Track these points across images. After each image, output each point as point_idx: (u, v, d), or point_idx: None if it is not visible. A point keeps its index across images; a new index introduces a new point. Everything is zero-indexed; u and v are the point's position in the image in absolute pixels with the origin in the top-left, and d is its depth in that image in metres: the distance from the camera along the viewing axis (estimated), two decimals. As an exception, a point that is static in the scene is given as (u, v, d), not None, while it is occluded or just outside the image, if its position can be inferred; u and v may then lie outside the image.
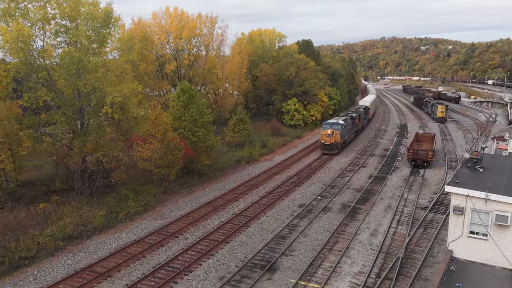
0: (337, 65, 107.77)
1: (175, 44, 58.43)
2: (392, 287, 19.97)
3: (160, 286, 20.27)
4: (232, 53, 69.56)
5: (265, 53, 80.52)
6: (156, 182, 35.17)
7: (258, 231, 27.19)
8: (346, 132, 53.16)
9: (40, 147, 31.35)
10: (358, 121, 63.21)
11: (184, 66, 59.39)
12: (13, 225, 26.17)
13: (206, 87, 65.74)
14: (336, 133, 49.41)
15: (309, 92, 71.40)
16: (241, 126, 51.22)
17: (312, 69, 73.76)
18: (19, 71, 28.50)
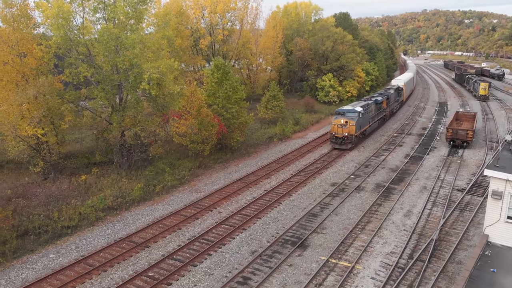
0: (376, 39, 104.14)
1: (210, 18, 58.30)
2: (425, 269, 19.83)
3: (194, 257, 21.03)
4: (266, 27, 68.63)
5: (301, 27, 78.92)
6: (191, 157, 35.98)
7: (290, 208, 27.47)
8: (365, 121, 44.10)
9: (81, 121, 32.72)
10: (385, 105, 53.66)
11: (218, 41, 59.36)
12: (56, 195, 27.69)
13: (239, 62, 65.54)
14: (351, 123, 40.33)
15: (345, 67, 69.61)
16: (274, 102, 50.99)
17: (349, 43, 71.62)
18: (60, 47, 29.41)
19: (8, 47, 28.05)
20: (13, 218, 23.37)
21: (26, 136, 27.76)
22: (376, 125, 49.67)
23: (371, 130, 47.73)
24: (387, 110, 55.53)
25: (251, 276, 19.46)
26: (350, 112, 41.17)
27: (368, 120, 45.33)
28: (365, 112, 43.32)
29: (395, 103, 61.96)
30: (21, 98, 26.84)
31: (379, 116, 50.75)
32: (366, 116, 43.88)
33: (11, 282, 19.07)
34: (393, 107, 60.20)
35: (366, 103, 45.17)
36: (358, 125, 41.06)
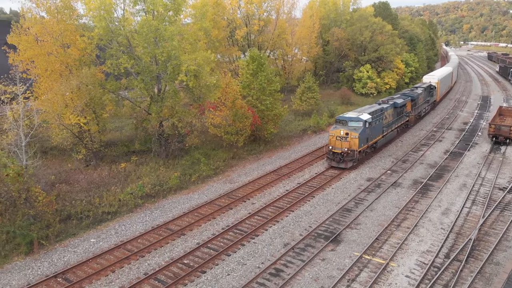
0: (416, 29, 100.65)
1: (246, 9, 58.21)
2: (461, 269, 19.32)
3: (228, 247, 21.41)
4: (303, 17, 67.75)
5: (338, 17, 77.39)
6: (225, 148, 36.42)
7: (323, 202, 27.35)
8: (376, 131, 35.70)
9: (121, 111, 33.78)
10: (409, 109, 45.81)
11: (254, 31, 59.22)
12: (97, 182, 28.80)
13: (275, 53, 65.22)
14: (353, 135, 32.15)
15: (384, 58, 67.85)
16: (309, 94, 50.50)
17: (389, 34, 69.57)
18: (102, 38, 30.26)
19: (52, 38, 29.12)
20: (56, 203, 24.45)
21: (69, 124, 28.94)
22: (394, 134, 41.37)
23: (385, 141, 39.09)
24: (412, 115, 46.89)
25: (284, 268, 19.63)
26: (353, 121, 32.98)
27: (381, 129, 36.93)
28: (376, 119, 35.12)
29: (425, 104, 53.32)
30: (64, 88, 27.93)
31: (399, 123, 42.63)
32: (377, 125, 35.62)
33: (54, 264, 20.09)
34: (420, 110, 51.31)
35: (379, 108, 36.69)
36: (363, 138, 33.04)
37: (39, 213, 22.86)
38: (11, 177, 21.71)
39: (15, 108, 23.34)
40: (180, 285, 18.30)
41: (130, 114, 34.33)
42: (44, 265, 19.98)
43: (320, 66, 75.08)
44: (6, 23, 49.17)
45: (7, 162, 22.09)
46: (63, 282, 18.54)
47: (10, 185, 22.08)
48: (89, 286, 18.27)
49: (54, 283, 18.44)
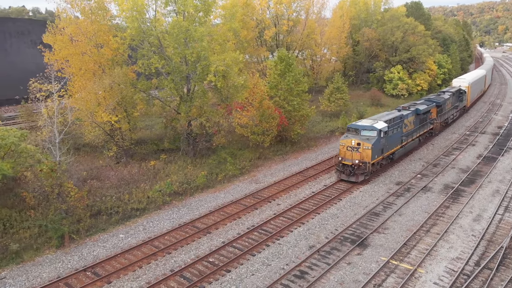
0: (450, 29, 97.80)
1: (276, 9, 58.14)
2: (492, 278, 18.64)
3: (253, 247, 21.44)
4: (333, 17, 67.07)
5: (369, 17, 76.19)
6: (251, 148, 36.52)
7: (350, 205, 26.98)
8: (393, 141, 32.70)
9: (151, 110, 34.44)
10: (435, 115, 42.63)
11: (283, 32, 59.07)
12: (127, 179, 29.44)
13: (303, 53, 64.86)
14: (365, 146, 29.36)
15: (415, 59, 66.27)
16: (338, 95, 49.91)
17: (421, 34, 67.95)
18: (134, 38, 30.96)
19: (86, 38, 29.92)
20: (87, 198, 25.12)
21: (101, 122, 29.69)
22: (415, 143, 38.03)
23: (405, 151, 35.86)
24: (437, 122, 43.11)
25: (308, 270, 19.50)
26: (366, 130, 30.07)
27: (399, 138, 33.91)
28: (394, 128, 32.17)
29: (453, 110, 49.42)
30: (97, 87, 28.69)
31: (422, 131, 39.21)
32: (394, 134, 32.60)
33: (83, 258, 20.67)
34: (448, 117, 47.62)
35: (398, 115, 33.45)
36: (377, 149, 30.06)
37: (70, 208, 23.59)
38: (45, 173, 22.52)
39: (50, 105, 24.12)
40: (205, 283, 18.48)
41: (160, 113, 34.95)
42: (74, 258, 20.60)
43: (349, 66, 74.11)
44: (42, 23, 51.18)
45: (41, 158, 22.91)
46: (92, 276, 19.08)
47: (44, 180, 22.89)
48: (116, 280, 18.70)
49: (84, 277, 19.00)
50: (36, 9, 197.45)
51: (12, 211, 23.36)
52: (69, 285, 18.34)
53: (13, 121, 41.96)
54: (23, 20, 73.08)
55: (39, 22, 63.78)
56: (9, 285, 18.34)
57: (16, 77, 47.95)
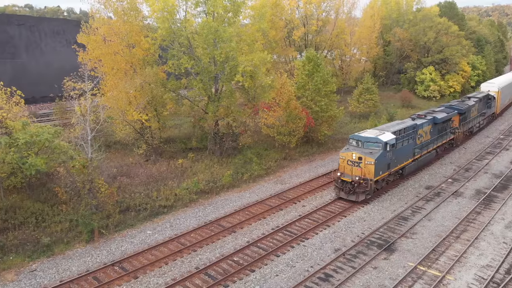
0: (484, 30, 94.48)
1: (305, 9, 57.89)
2: (527, 289, 17.93)
3: (278, 248, 21.41)
4: (363, 17, 66.20)
5: (400, 16, 74.70)
6: (277, 148, 36.48)
7: (378, 209, 26.50)
8: (401, 155, 29.03)
9: (180, 109, 34.99)
10: (457, 124, 38.66)
11: (312, 32, 58.70)
12: (155, 176, 30.03)
13: (332, 53, 64.26)
14: (368, 161, 25.96)
15: (448, 60, 64.41)
16: (367, 96, 49.14)
17: (454, 35, 65.92)
18: (164, 39, 31.53)
19: (118, 38, 30.70)
20: (117, 194, 25.80)
21: (132, 120, 30.43)
22: (432, 155, 34.36)
23: (418, 165, 32.18)
24: (459, 131, 39.12)
25: (333, 273, 19.31)
26: (369, 142, 26.72)
27: (411, 151, 30.46)
28: (404, 139, 29.00)
29: (479, 118, 45.02)
30: (129, 86, 29.40)
31: (441, 141, 35.44)
32: (405, 147, 29.29)
33: (112, 253, 21.19)
34: (473, 125, 43.35)
35: (411, 125, 30.16)
36: (381, 164, 26.67)
37: (100, 203, 24.28)
38: (77, 169, 23.26)
39: (83, 104, 24.88)
40: (230, 281, 18.60)
41: (189, 112, 35.45)
42: (103, 253, 21.16)
43: (380, 67, 72.90)
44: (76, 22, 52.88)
45: (73, 154, 23.69)
46: (120, 270, 19.55)
47: (76, 176, 23.64)
48: (143, 276, 19.09)
49: (111, 271, 19.50)
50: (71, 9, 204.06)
51: (44, 205, 24.26)
52: (97, 279, 18.87)
53: (48, 118, 43.55)
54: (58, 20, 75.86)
55: (73, 22, 65.90)
56: (40, 277, 19.02)
57: (51, 76, 49.75)
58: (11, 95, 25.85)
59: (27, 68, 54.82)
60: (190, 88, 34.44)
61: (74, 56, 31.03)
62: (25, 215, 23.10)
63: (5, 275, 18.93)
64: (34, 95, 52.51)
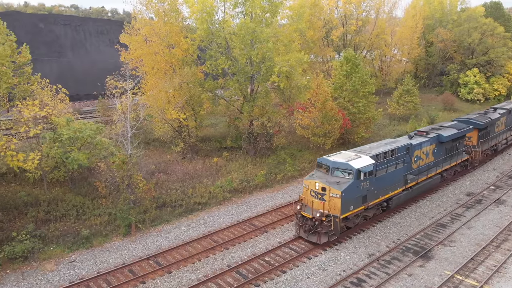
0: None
1: (344, 9, 57.09)
2: None
3: (310, 250, 21.29)
4: (405, 16, 64.35)
5: (444, 16, 71.96)
6: (312, 149, 36.21)
7: (415, 214, 25.80)
8: (383, 184, 23.46)
9: (216, 109, 35.51)
10: (474, 142, 33.29)
11: (351, 32, 57.78)
12: (191, 173, 30.64)
13: (372, 53, 62.99)
14: (333, 193, 20.86)
15: (494, 62, 61.53)
16: (407, 98, 47.79)
17: (500, 36, 62.82)
18: (203, 39, 32.09)
19: (159, 39, 31.42)
20: (154, 190, 26.53)
21: (170, 119, 31.15)
22: (435, 181, 28.67)
23: (410, 196, 26.37)
24: (477, 150, 33.15)
25: (366, 279, 18.98)
26: (338, 169, 21.61)
27: (401, 178, 24.99)
28: (388, 165, 23.58)
29: (505, 133, 38.65)
30: (168, 86, 30.11)
31: (449, 163, 29.86)
32: (391, 174, 23.87)
33: (147, 247, 21.83)
34: (497, 142, 37.06)
35: (402, 146, 24.80)
36: (352, 197, 21.34)
37: (138, 198, 25.08)
38: (117, 165, 24.13)
39: (124, 102, 25.75)
40: (260, 281, 18.70)
41: (224, 112, 35.87)
42: (139, 247, 21.84)
43: (421, 68, 70.67)
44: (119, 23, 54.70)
45: (114, 150, 24.58)
46: (154, 264, 20.12)
47: (116, 172, 24.53)
48: (176, 271, 19.54)
49: (146, 265, 20.09)
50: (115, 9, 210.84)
51: (85, 198, 25.32)
52: (132, 272, 19.50)
53: (91, 115, 45.31)
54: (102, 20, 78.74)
55: (116, 22, 68.16)
56: (78, 268, 19.89)
57: (95, 74, 51.61)
58: (57, 92, 27.12)
59: (73, 66, 57.26)
60: (227, 88, 34.83)
61: (116, 56, 32.14)
62: (66, 207, 24.22)
63: (45, 265, 19.91)
64: (79, 92, 54.74)
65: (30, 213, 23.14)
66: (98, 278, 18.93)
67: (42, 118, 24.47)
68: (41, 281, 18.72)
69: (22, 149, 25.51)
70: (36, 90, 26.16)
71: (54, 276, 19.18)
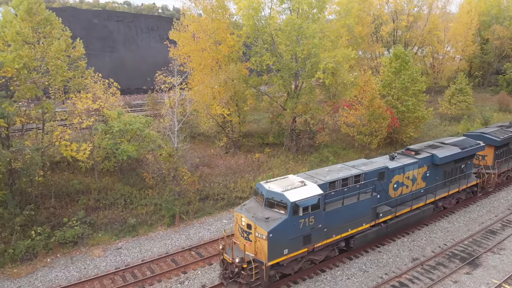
0: None
1: (395, 4, 55.38)
2: None
3: (351, 251, 20.97)
4: (459, 12, 61.42)
5: (501, 13, 67.91)
6: (357, 148, 35.47)
7: (464, 220, 24.64)
8: (336, 221, 18.33)
9: (260, 105, 35.70)
10: (490, 162, 27.42)
11: (402, 27, 56.00)
12: (233, 168, 31.03)
13: (423, 50, 60.64)
14: (259, 233, 16.18)
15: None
16: (460, 97, 45.57)
17: None
18: (249, 36, 32.28)
19: (206, 35, 32.02)
20: (198, 183, 27.15)
21: (215, 114, 31.74)
22: (424, 213, 23.01)
23: (382, 233, 21.05)
24: (493, 172, 27.28)
25: (409, 283, 18.43)
26: (273, 201, 16.86)
27: (368, 211, 19.71)
28: (343, 195, 18.61)
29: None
30: (214, 82, 30.64)
31: (447, 190, 24.19)
32: (351, 207, 18.78)
33: (190, 238, 22.38)
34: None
35: (372, 171, 19.84)
36: (286, 238, 16.52)
37: (183, 190, 25.80)
38: (164, 157, 24.92)
39: (172, 97, 26.52)
40: (300, 279, 18.65)
41: (268, 108, 35.98)
42: (182, 237, 22.46)
43: (476, 66, 67.23)
44: (169, 19, 56.06)
45: (161, 143, 25.39)
46: (196, 255, 20.62)
47: (162, 164, 25.38)
48: (216, 263, 19.86)
49: (188, 255, 20.63)
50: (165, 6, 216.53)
51: (133, 188, 26.34)
52: (175, 261, 20.10)
53: (140, 109, 47.02)
54: (153, 17, 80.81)
55: (166, 19, 69.91)
56: (124, 255, 20.76)
57: (145, 69, 53.33)
58: (109, 86, 28.36)
59: (124, 61, 59.46)
60: (271, 85, 34.88)
61: (166, 52, 33.08)
62: (115, 196, 25.31)
63: (93, 251, 20.96)
64: (129, 86, 56.82)
65: (81, 200, 24.43)
66: (143, 265, 19.68)
67: (94, 110, 25.69)
68: (89, 266, 19.72)
69: (75, 139, 26.85)
70: (90, 84, 27.45)
71: (101, 261, 20.12)
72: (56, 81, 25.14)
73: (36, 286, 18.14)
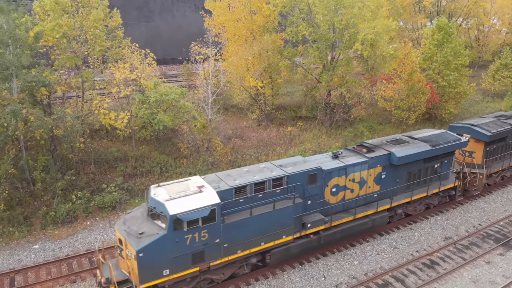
0: None
1: (441, -29, 52.18)
2: None
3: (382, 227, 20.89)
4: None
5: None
6: (393, 123, 34.68)
7: (501, 200, 23.92)
8: (241, 235, 15.20)
9: (294, 77, 35.19)
10: (478, 160, 23.43)
11: (446, -3, 52.97)
12: (265, 141, 31.20)
13: (468, 22, 57.36)
14: (130, 251, 13.54)
15: None
16: (505, 73, 43.12)
17: None
18: (285, 5, 31.52)
19: (241, 5, 31.53)
20: (230, 154, 27.54)
21: (248, 86, 31.65)
22: (375, 222, 19.56)
23: (311, 246, 17.72)
24: (480, 173, 23.10)
25: (440, 261, 18.29)
26: (152, 211, 14.31)
27: (287, 222, 16.32)
28: (250, 204, 15.37)
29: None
30: (248, 53, 30.36)
31: (410, 194, 20.52)
32: (258, 218, 15.42)
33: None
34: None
35: (295, 173, 16.54)
36: (163, 259, 13.73)
37: (216, 161, 26.26)
38: (198, 128, 25.35)
39: (206, 68, 26.60)
40: (328, 251, 18.86)
41: (302, 80, 35.45)
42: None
43: (524, 39, 63.02)
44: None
45: (196, 114, 25.73)
46: (228, 225, 21.12)
47: (197, 135, 25.87)
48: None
49: (221, 224, 21.18)
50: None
51: (168, 157, 27.05)
52: (208, 229, 20.70)
53: (176, 79, 47.44)
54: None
55: (202, -12, 69.10)
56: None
57: (180, 39, 53.49)
58: (145, 56, 28.73)
59: (160, 31, 59.69)
60: (306, 56, 34.16)
61: (201, 21, 32.96)
62: (151, 164, 26.08)
63: (131, 215, 21.91)
64: (165, 56, 57.26)
65: (119, 167, 25.37)
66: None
67: (132, 80, 26.21)
68: (127, 230, 20.67)
69: (113, 108, 27.60)
70: (127, 54, 27.90)
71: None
72: (94, 50, 25.64)
73: (76, 247, 19.27)
